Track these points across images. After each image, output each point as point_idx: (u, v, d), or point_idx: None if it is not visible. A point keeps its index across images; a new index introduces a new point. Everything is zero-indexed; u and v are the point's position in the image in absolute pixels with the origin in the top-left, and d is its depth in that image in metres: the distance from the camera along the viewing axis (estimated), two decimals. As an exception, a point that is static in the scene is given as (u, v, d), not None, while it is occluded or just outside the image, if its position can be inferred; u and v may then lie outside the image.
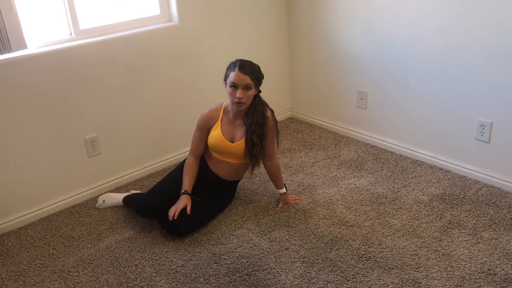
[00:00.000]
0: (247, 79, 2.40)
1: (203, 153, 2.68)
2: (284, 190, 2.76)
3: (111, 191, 3.01)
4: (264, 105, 2.58)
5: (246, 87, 2.42)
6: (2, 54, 2.45)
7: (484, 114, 2.79)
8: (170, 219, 2.45)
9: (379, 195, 2.82)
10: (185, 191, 2.56)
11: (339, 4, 3.32)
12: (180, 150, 3.30)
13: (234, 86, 2.42)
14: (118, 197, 2.84)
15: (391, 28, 3.07)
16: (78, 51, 2.72)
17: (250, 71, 2.42)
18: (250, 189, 2.95)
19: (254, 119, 2.51)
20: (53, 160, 2.79)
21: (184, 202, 2.52)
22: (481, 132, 2.82)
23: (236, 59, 2.50)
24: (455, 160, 3.01)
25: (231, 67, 2.47)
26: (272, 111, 2.63)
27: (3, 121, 2.56)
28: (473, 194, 2.77)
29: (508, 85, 2.63)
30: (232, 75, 2.42)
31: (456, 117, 2.92)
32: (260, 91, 2.58)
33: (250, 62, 2.49)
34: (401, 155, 3.27)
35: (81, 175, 2.93)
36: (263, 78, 2.53)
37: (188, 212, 2.49)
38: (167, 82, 3.15)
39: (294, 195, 2.82)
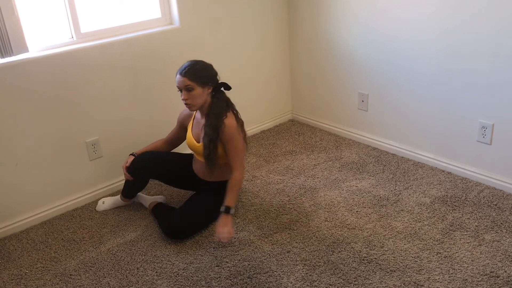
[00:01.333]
0: (185, 81, 2.40)
1: (173, 142, 2.83)
2: (222, 208, 2.35)
3: (112, 195, 3.01)
4: (222, 108, 2.47)
5: (187, 88, 2.41)
6: (3, 57, 2.45)
7: (486, 116, 2.78)
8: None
9: (380, 197, 2.81)
10: (133, 152, 2.74)
11: (340, 7, 3.32)
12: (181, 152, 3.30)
13: (179, 89, 2.45)
14: (117, 196, 2.86)
15: (392, 31, 3.07)
16: (79, 54, 2.73)
17: (188, 72, 2.40)
18: (252, 192, 2.94)
19: (208, 121, 2.47)
20: (54, 163, 2.80)
21: (126, 160, 2.71)
22: (483, 134, 2.82)
23: (187, 61, 2.48)
24: (456, 162, 3.00)
25: (177, 72, 2.46)
26: (236, 114, 2.53)
27: (5, 124, 2.56)
28: (475, 196, 2.76)
29: (510, 87, 2.63)
30: (176, 80, 2.44)
31: (458, 119, 2.92)
32: (226, 88, 2.53)
33: (196, 62, 2.46)
34: (402, 157, 3.26)
35: (82, 178, 2.93)
36: (211, 75, 2.47)
37: (126, 165, 2.65)
38: (169, 85, 3.15)
39: (230, 229, 2.32)
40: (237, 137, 2.46)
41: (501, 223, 2.50)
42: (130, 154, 2.72)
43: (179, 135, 2.79)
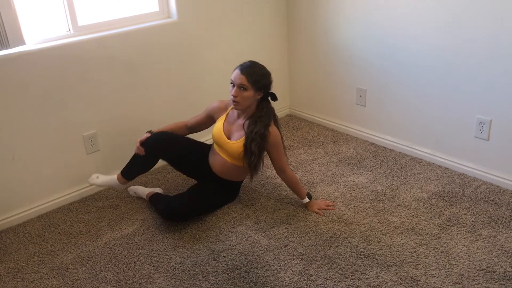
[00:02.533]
0: (242, 79, 2.43)
1: (195, 128, 2.81)
2: (306, 200, 2.69)
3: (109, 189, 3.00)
4: (270, 118, 2.56)
5: (241, 87, 2.45)
6: (0, 50, 2.44)
7: (483, 112, 2.79)
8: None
9: (378, 192, 2.82)
10: (150, 130, 2.66)
11: (338, 2, 3.31)
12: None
13: (232, 83, 2.49)
14: (113, 176, 2.71)
15: (390, 25, 3.07)
16: (76, 47, 2.71)
17: (248, 73, 2.44)
18: (249, 186, 2.94)
19: (256, 128, 2.50)
20: (51, 156, 2.79)
21: (142, 137, 2.60)
22: (480, 130, 2.82)
23: (249, 60, 2.53)
24: (454, 158, 3.01)
25: (238, 66, 2.51)
26: (277, 120, 2.65)
27: (1, 117, 2.55)
28: (472, 191, 2.77)
29: (508, 83, 2.63)
30: (233, 73, 2.49)
31: (456, 114, 2.92)
32: (274, 99, 2.59)
33: (259, 65, 2.51)
34: (400, 152, 3.27)
35: (79, 172, 2.93)
36: (268, 83, 2.52)
37: (142, 139, 2.56)
38: (166, 78, 3.15)
39: (326, 201, 2.75)
40: (281, 143, 2.60)
41: (498, 219, 2.51)
42: (147, 131, 2.63)
43: (204, 123, 2.79)
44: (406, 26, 2.98)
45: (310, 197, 2.70)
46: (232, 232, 2.53)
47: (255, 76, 2.46)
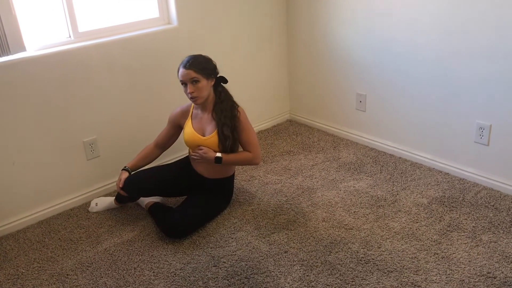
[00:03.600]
0: (191, 73, 2.43)
1: (164, 144, 2.78)
2: (217, 158, 2.53)
3: (110, 194, 3.00)
4: (231, 98, 2.59)
5: (193, 81, 2.44)
6: (1, 56, 2.44)
7: (483, 117, 2.79)
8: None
9: (378, 198, 2.81)
10: (125, 166, 2.68)
11: (338, 7, 3.32)
12: (179, 153, 3.29)
13: (183, 83, 2.48)
14: (111, 198, 2.85)
15: (390, 31, 3.08)
16: (77, 53, 2.72)
17: (193, 65, 2.44)
18: (249, 192, 2.94)
19: (223, 113, 2.52)
20: (51, 162, 2.79)
21: (119, 176, 2.64)
22: (480, 135, 2.82)
23: (186, 56, 2.51)
24: (454, 163, 3.01)
25: (179, 66, 2.50)
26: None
27: (2, 123, 2.55)
28: (472, 197, 2.77)
29: (507, 88, 2.63)
30: (179, 74, 2.48)
31: (455, 119, 2.92)
32: (225, 81, 2.59)
33: (197, 55, 2.50)
34: (400, 157, 3.27)
35: (80, 178, 2.93)
36: (214, 67, 2.52)
37: (120, 185, 2.58)
38: (166, 84, 3.15)
39: (204, 149, 2.56)
40: (249, 124, 2.60)
41: (498, 224, 2.51)
42: (123, 169, 2.67)
43: (171, 135, 2.77)
44: (406, 32, 2.99)
45: (219, 161, 2.54)
46: (232, 238, 2.53)
47: (200, 65, 2.45)
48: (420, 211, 2.66)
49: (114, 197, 2.82)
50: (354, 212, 2.69)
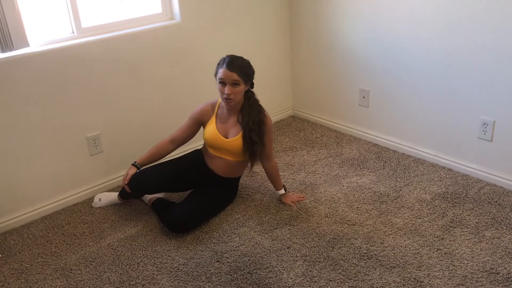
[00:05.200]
0: (234, 76, 2.42)
1: (180, 140, 2.72)
2: (282, 191, 2.76)
3: (113, 190, 3.01)
4: (259, 104, 2.60)
5: (234, 83, 2.44)
6: (4, 52, 2.45)
7: (487, 113, 2.78)
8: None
9: (381, 193, 2.81)
10: (135, 162, 2.62)
11: (342, 2, 3.31)
12: (182, 148, 3.29)
13: (222, 82, 2.45)
14: (114, 194, 2.85)
15: (394, 27, 3.07)
16: (80, 49, 2.72)
17: (237, 68, 2.43)
18: (252, 187, 2.95)
19: (251, 118, 2.52)
20: (55, 158, 2.80)
21: (127, 171, 2.59)
22: (484, 131, 2.81)
23: (226, 55, 2.50)
24: (457, 159, 3.00)
25: (220, 63, 2.49)
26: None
27: (6, 119, 2.56)
28: (475, 192, 2.76)
29: (511, 84, 2.62)
30: (220, 72, 2.45)
31: (459, 115, 2.91)
32: (252, 86, 2.59)
33: (240, 58, 2.50)
34: (403, 153, 3.26)
35: (83, 173, 2.94)
36: (253, 73, 2.53)
37: (126, 181, 2.53)
38: (169, 80, 3.15)
39: (298, 193, 2.81)
40: (272, 129, 2.65)
41: (502, 220, 2.51)
42: (132, 164, 2.61)
43: (191, 132, 2.71)
44: (409, 27, 2.98)
45: (285, 189, 2.78)
46: (235, 234, 2.53)
47: (244, 69, 2.46)
48: (423, 207, 2.66)
49: (118, 193, 2.83)
50: (357, 208, 2.69)
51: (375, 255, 2.31)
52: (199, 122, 2.68)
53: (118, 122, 3.00)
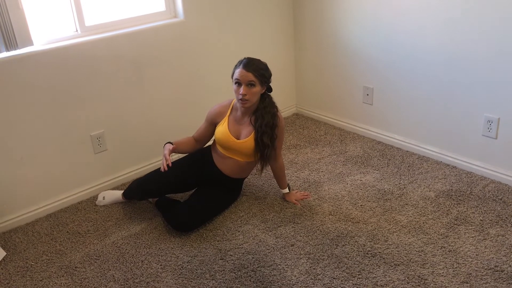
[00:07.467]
0: (250, 76, 2.42)
1: (203, 141, 2.75)
2: (287, 190, 2.77)
3: (117, 188, 3.02)
4: (274, 106, 2.58)
5: (250, 84, 2.43)
6: (8, 50, 2.46)
7: (491, 110, 2.77)
8: (162, 170, 2.46)
9: (385, 191, 2.81)
10: (169, 142, 2.62)
11: (346, 0, 3.30)
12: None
13: (238, 83, 2.46)
14: (118, 193, 2.86)
15: (397, 24, 3.06)
16: (84, 47, 2.73)
17: (253, 68, 2.43)
18: (256, 185, 2.95)
19: (265, 120, 2.51)
20: (59, 156, 2.81)
21: (163, 153, 2.51)
22: (488, 128, 2.80)
23: (244, 57, 2.50)
24: (461, 156, 2.99)
25: (237, 65, 2.50)
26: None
27: (10, 117, 2.57)
28: (480, 190, 2.75)
29: (516, 81, 2.61)
30: (237, 72, 2.46)
31: (463, 113, 2.90)
32: (270, 90, 2.58)
33: (257, 60, 2.50)
34: (407, 151, 3.25)
35: (87, 172, 2.95)
36: (270, 76, 2.53)
37: (167, 162, 2.44)
38: (173, 78, 3.16)
39: (302, 192, 2.82)
40: (283, 130, 2.65)
41: (506, 218, 2.50)
42: (167, 142, 2.59)
43: (208, 132, 2.72)
44: (413, 24, 2.97)
45: (289, 188, 2.79)
46: (239, 231, 2.53)
47: (260, 70, 2.45)
48: (427, 204, 2.66)
49: (122, 192, 2.83)
50: (361, 205, 2.69)
51: (379, 252, 2.31)
52: (214, 123, 2.69)
53: (122, 120, 3.01)
